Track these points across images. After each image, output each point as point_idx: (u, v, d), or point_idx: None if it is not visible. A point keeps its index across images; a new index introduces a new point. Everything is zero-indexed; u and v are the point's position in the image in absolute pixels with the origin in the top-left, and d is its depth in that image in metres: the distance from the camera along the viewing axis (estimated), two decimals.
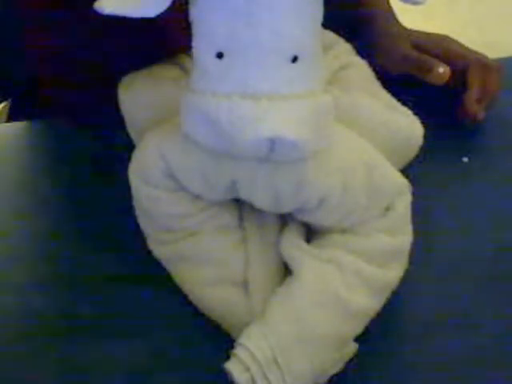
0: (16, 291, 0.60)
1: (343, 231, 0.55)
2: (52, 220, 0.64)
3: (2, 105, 0.87)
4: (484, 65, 0.72)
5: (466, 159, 0.71)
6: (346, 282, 0.53)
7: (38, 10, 0.68)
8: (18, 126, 0.73)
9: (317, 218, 0.54)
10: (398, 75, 0.73)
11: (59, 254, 0.62)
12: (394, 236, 0.55)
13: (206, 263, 0.56)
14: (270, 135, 0.45)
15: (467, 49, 0.75)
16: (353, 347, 0.54)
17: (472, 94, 0.71)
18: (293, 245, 0.55)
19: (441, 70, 0.70)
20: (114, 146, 0.67)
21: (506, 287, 0.61)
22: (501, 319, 0.59)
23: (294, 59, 0.46)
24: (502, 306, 0.60)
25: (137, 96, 0.62)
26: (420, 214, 0.57)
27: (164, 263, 0.59)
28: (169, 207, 0.55)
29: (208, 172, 0.51)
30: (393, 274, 0.55)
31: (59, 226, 0.64)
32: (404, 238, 0.56)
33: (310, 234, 0.57)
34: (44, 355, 0.56)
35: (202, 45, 0.47)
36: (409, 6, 0.49)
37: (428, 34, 0.77)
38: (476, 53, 0.75)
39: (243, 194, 0.53)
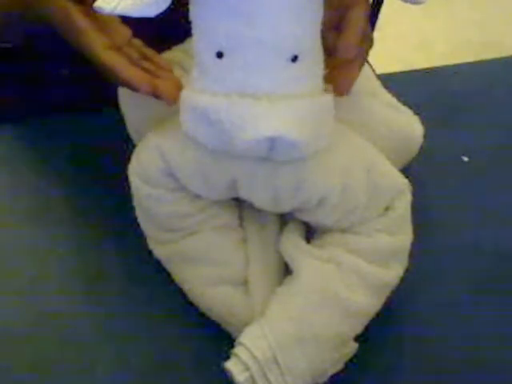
0: (16, 291, 0.60)
1: (343, 231, 0.55)
2: (51, 220, 0.64)
3: None
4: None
5: (466, 159, 0.71)
6: (346, 281, 0.53)
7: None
8: (15, 125, 0.73)
9: (317, 218, 0.54)
10: None
11: (59, 253, 0.62)
12: (394, 236, 0.55)
13: (206, 263, 0.56)
14: (270, 134, 0.45)
15: None
16: (353, 347, 0.54)
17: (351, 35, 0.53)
18: (293, 244, 0.55)
19: None
20: (113, 145, 0.67)
21: (506, 287, 0.61)
22: (501, 319, 0.59)
23: (294, 59, 0.46)
24: (502, 306, 0.60)
25: (137, 96, 0.61)
26: (420, 213, 0.57)
27: (164, 263, 0.59)
28: (169, 207, 0.55)
29: (208, 171, 0.51)
30: (393, 273, 0.55)
31: (58, 226, 0.64)
32: (404, 238, 0.56)
33: (310, 233, 0.57)
34: (45, 355, 0.56)
35: (202, 44, 0.47)
36: (409, 5, 0.49)
37: None
38: None
39: (243, 194, 0.53)
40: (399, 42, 1.88)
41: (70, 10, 0.56)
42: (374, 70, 0.72)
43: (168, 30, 0.63)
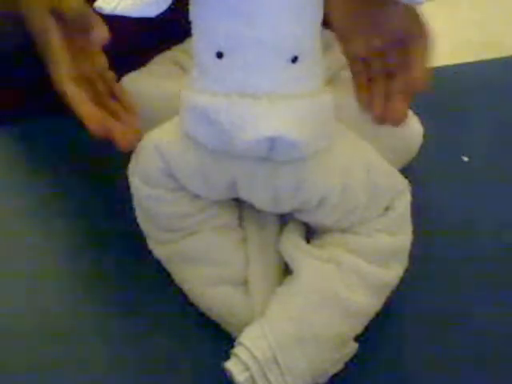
0: (16, 291, 0.60)
1: (343, 231, 0.55)
2: (51, 220, 0.64)
3: None
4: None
5: (466, 159, 0.71)
6: (346, 281, 0.53)
7: None
8: (14, 125, 0.73)
9: (316, 218, 0.54)
10: None
11: (59, 253, 0.62)
12: (394, 235, 0.55)
13: (206, 263, 0.56)
14: (270, 134, 0.45)
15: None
16: (353, 347, 0.54)
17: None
18: (293, 244, 0.55)
19: None
20: (113, 145, 0.67)
21: (506, 287, 0.61)
22: (502, 318, 0.59)
23: (294, 59, 0.46)
24: (502, 306, 0.60)
25: (137, 95, 0.62)
26: (420, 213, 0.57)
27: (164, 263, 0.59)
28: (169, 207, 0.55)
29: (208, 171, 0.51)
30: (393, 273, 0.55)
31: (58, 225, 0.64)
32: (404, 238, 0.56)
33: (310, 233, 0.57)
34: (45, 354, 0.56)
35: (202, 44, 0.47)
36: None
37: None
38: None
39: (243, 194, 0.53)
40: None
41: (48, 26, 0.55)
42: None
43: (168, 30, 0.63)
